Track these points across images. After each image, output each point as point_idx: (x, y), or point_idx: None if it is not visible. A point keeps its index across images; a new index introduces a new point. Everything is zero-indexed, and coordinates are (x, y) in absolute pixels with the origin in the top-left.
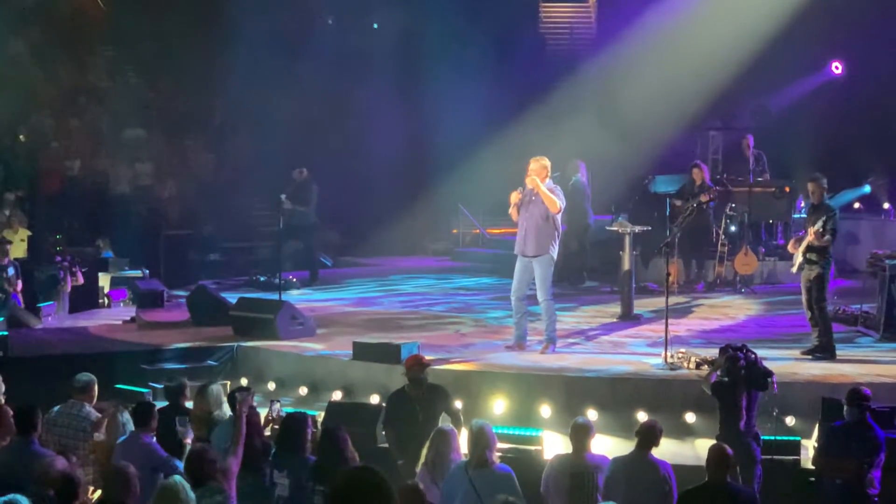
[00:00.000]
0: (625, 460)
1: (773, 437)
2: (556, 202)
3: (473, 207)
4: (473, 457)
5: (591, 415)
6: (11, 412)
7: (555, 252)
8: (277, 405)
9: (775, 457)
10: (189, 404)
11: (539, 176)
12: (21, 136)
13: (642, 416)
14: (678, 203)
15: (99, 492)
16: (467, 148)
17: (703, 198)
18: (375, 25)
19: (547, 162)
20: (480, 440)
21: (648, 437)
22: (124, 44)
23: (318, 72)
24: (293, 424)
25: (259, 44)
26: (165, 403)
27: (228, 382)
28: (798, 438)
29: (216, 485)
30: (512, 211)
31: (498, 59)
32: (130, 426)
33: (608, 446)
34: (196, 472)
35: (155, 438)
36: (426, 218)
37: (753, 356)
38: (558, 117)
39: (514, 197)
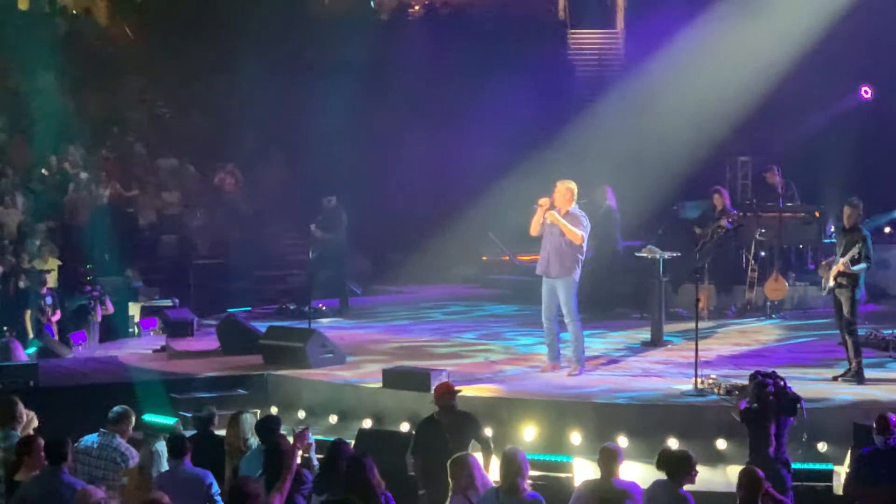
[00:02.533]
0: (660, 488)
1: (804, 465)
2: (578, 234)
3: (503, 234)
4: (505, 483)
5: (622, 441)
6: (42, 443)
7: (577, 274)
8: (307, 433)
9: (807, 483)
10: (219, 432)
11: (564, 199)
12: (44, 171)
13: (672, 443)
14: (698, 230)
15: None
16: (496, 174)
17: (722, 222)
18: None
19: (573, 185)
20: (512, 467)
21: (675, 468)
22: (153, 73)
23: (347, 100)
24: (337, 451)
25: (288, 73)
26: (194, 432)
27: (258, 411)
28: (830, 466)
29: None
30: (535, 224)
31: (526, 85)
32: (164, 456)
33: (638, 473)
34: None
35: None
36: (456, 245)
37: (782, 382)
38: (587, 143)
39: (540, 212)
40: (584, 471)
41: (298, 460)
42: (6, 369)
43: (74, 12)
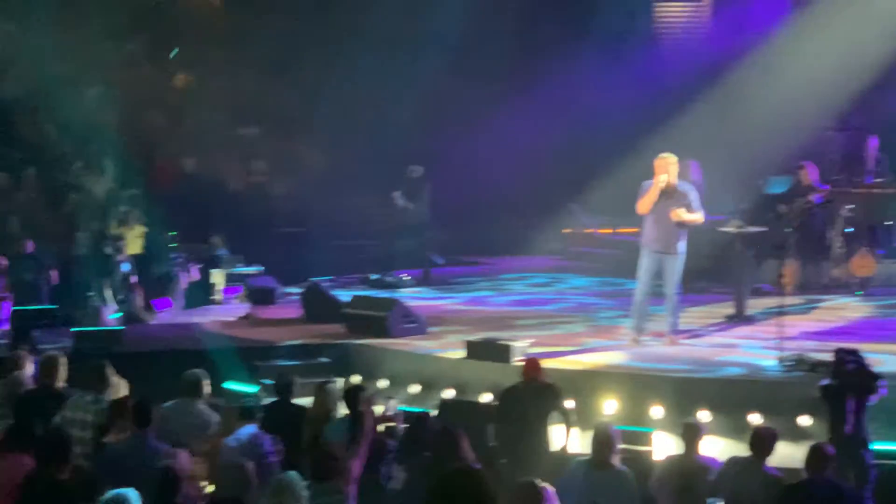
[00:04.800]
0: (739, 463)
1: (888, 443)
2: (701, 219)
3: (585, 206)
4: (595, 457)
5: (703, 416)
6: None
7: (685, 248)
8: (392, 402)
9: (889, 462)
10: (298, 401)
11: (670, 174)
12: (132, 138)
13: (755, 419)
14: (783, 207)
15: (211, 487)
16: (580, 146)
17: (810, 198)
18: None
19: (675, 159)
20: (604, 441)
21: (759, 444)
22: (239, 42)
23: (432, 69)
24: (421, 424)
25: (374, 41)
26: (275, 399)
27: (340, 380)
28: None
29: (335, 485)
30: (644, 202)
31: (612, 56)
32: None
33: (720, 448)
34: (318, 470)
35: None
36: (539, 217)
37: (863, 359)
38: (671, 116)
39: (657, 189)
40: (664, 444)
41: (382, 429)
42: (92, 334)
43: None
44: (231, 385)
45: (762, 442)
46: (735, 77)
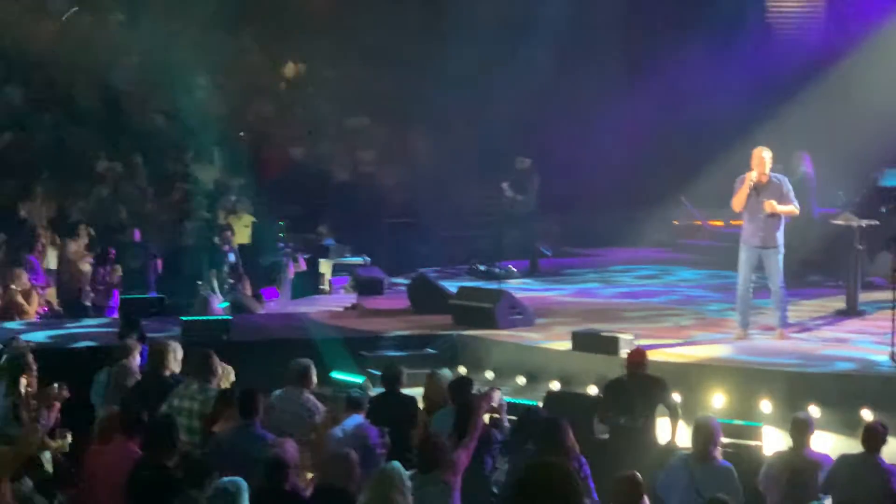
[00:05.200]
0: (852, 460)
1: None
2: (795, 210)
3: (695, 198)
4: (696, 451)
5: (813, 411)
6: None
7: (783, 241)
8: (498, 393)
9: None
10: (405, 391)
11: (759, 168)
12: (241, 132)
13: (867, 415)
14: None
15: (315, 475)
16: (689, 136)
17: None
18: None
19: (768, 153)
20: (704, 435)
21: (872, 439)
22: (348, 32)
23: (541, 58)
24: (531, 417)
25: (483, 31)
26: (383, 390)
27: (447, 370)
28: None
29: (440, 475)
30: (737, 199)
31: (722, 46)
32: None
33: (830, 444)
34: (425, 459)
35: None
36: (647, 208)
37: None
38: (783, 107)
39: (747, 185)
40: (773, 439)
41: (488, 420)
42: (200, 324)
43: None
44: (338, 375)
45: (874, 437)
46: (848, 68)
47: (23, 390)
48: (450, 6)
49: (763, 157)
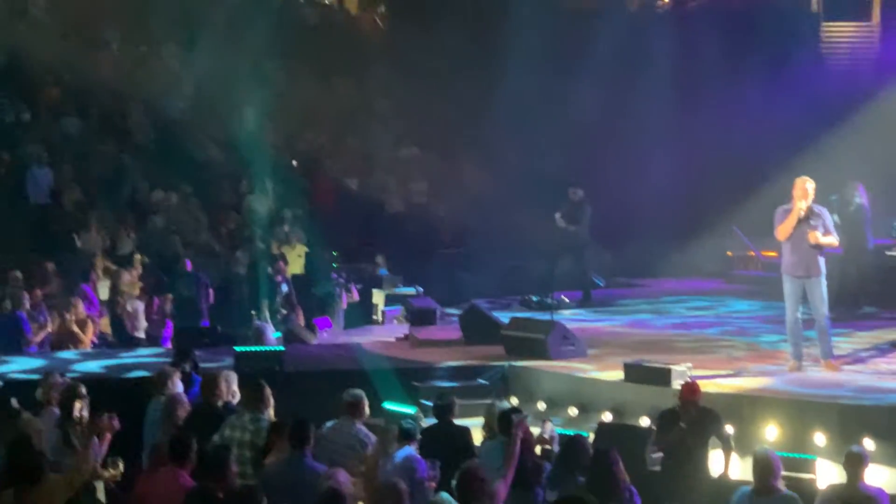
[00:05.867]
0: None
1: None
2: (835, 241)
3: (748, 229)
4: (758, 484)
5: (868, 444)
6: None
7: (825, 269)
8: (549, 425)
9: None
10: (457, 421)
11: (805, 199)
12: (294, 161)
13: None
14: None
15: None
16: (741, 167)
17: None
18: None
19: (811, 184)
20: (765, 468)
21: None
22: (401, 63)
23: (593, 90)
24: (576, 447)
25: (535, 62)
26: (435, 421)
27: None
28: None
29: None
30: (784, 229)
31: (775, 76)
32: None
33: (885, 478)
34: (463, 491)
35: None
36: (700, 239)
37: None
38: (837, 137)
39: (795, 215)
40: (827, 472)
41: (539, 451)
42: (253, 354)
43: (326, 1)
44: (390, 405)
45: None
46: None
47: (77, 414)
48: (502, 37)
49: (807, 188)
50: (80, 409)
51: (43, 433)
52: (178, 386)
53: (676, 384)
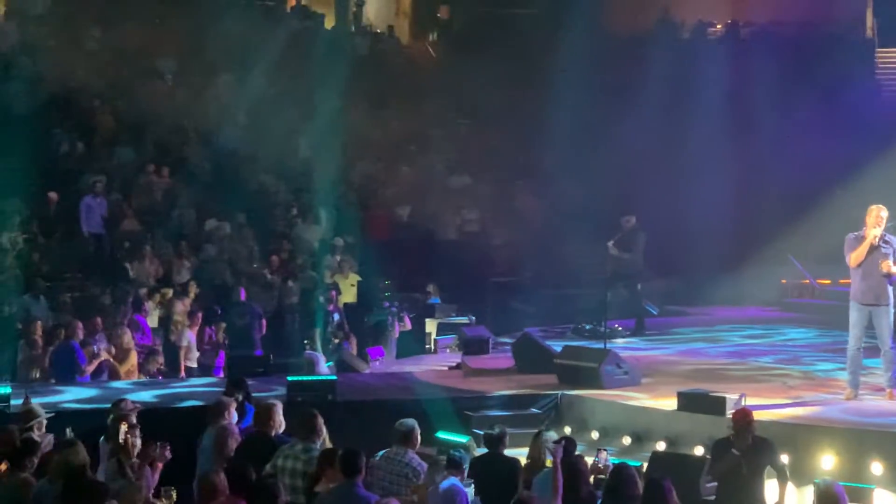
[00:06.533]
0: None
1: None
2: None
3: (803, 257)
4: None
5: None
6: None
7: (893, 299)
8: (604, 454)
9: None
10: (509, 452)
11: (877, 225)
12: (348, 187)
13: None
14: None
15: None
16: (797, 196)
17: None
18: None
19: (885, 212)
20: (830, 501)
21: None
22: (454, 91)
23: (648, 118)
24: (622, 476)
25: (588, 90)
26: (486, 451)
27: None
28: None
29: None
30: (856, 256)
31: (831, 105)
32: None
33: None
34: None
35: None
36: (755, 267)
37: None
38: (892, 162)
39: (869, 243)
40: (885, 502)
41: (593, 481)
42: (307, 384)
43: (378, 30)
44: (443, 435)
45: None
46: None
47: (121, 438)
48: (555, 64)
49: (881, 215)
50: (124, 431)
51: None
52: (234, 417)
53: (730, 413)
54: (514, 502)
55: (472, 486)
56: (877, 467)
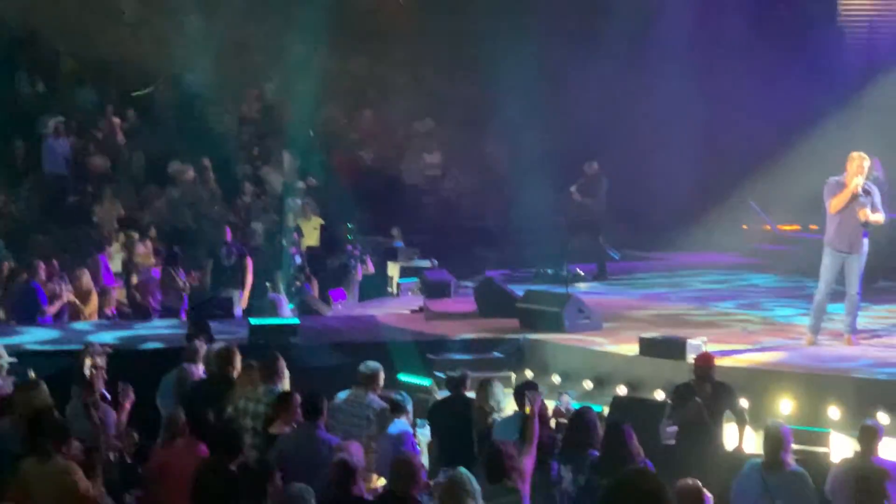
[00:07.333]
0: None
1: None
2: (882, 219)
3: (764, 203)
4: (768, 458)
5: (882, 418)
6: (299, 399)
7: (867, 248)
8: (566, 398)
9: None
10: (470, 395)
11: (859, 174)
12: (312, 133)
13: None
14: None
15: (382, 480)
16: (760, 143)
17: None
18: None
19: (868, 161)
20: (775, 441)
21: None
22: (420, 40)
23: (609, 64)
24: (583, 421)
25: (553, 36)
26: (448, 394)
27: (512, 375)
28: None
29: (511, 484)
30: (837, 203)
31: (792, 49)
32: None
33: None
34: (493, 469)
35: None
36: (716, 213)
37: None
38: (855, 112)
39: (850, 191)
40: (841, 446)
41: (554, 425)
42: (268, 326)
43: None
44: (405, 377)
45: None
46: None
47: (87, 371)
48: (520, 12)
49: (864, 165)
50: (90, 366)
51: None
52: (202, 360)
53: (692, 358)
54: (489, 449)
55: (428, 427)
56: (834, 412)
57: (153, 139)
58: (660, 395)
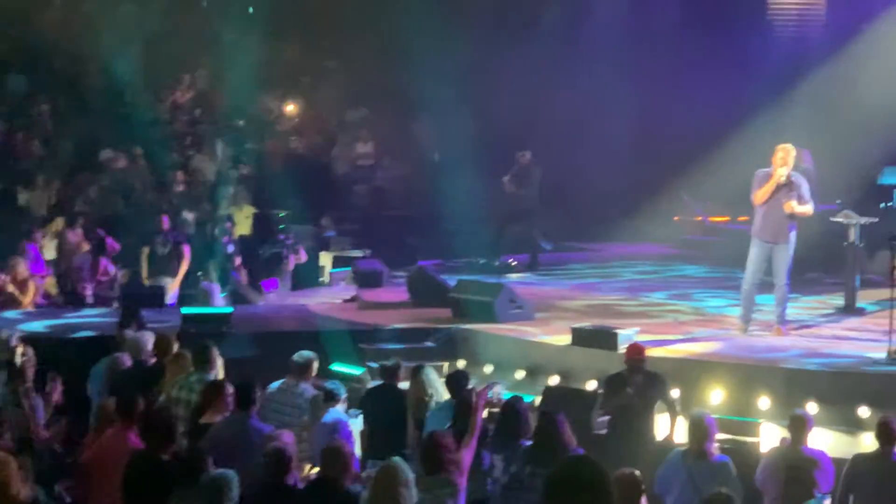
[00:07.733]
0: (869, 458)
1: None
2: (810, 210)
3: (696, 195)
4: (692, 446)
5: (811, 408)
6: (231, 388)
7: (795, 238)
8: (497, 387)
9: None
10: (403, 384)
11: (784, 165)
12: (242, 122)
13: (864, 412)
14: None
15: (316, 468)
16: (691, 134)
17: None
18: None
19: (795, 152)
20: (700, 431)
21: (888, 435)
22: (350, 26)
23: (543, 55)
24: (514, 410)
25: (484, 25)
26: (380, 382)
27: (446, 364)
28: None
29: (447, 477)
30: (761, 194)
31: (721, 44)
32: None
33: (828, 441)
34: (430, 461)
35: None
36: (648, 205)
37: None
38: (785, 105)
39: (774, 181)
40: (771, 436)
41: (486, 415)
42: (201, 315)
43: None
44: (338, 367)
45: (890, 432)
46: (847, 65)
47: (17, 359)
48: (452, 4)
49: (788, 157)
50: (21, 353)
51: None
52: (135, 348)
53: (623, 348)
54: (426, 439)
55: (361, 416)
56: (764, 401)
57: (83, 126)
58: (592, 385)
